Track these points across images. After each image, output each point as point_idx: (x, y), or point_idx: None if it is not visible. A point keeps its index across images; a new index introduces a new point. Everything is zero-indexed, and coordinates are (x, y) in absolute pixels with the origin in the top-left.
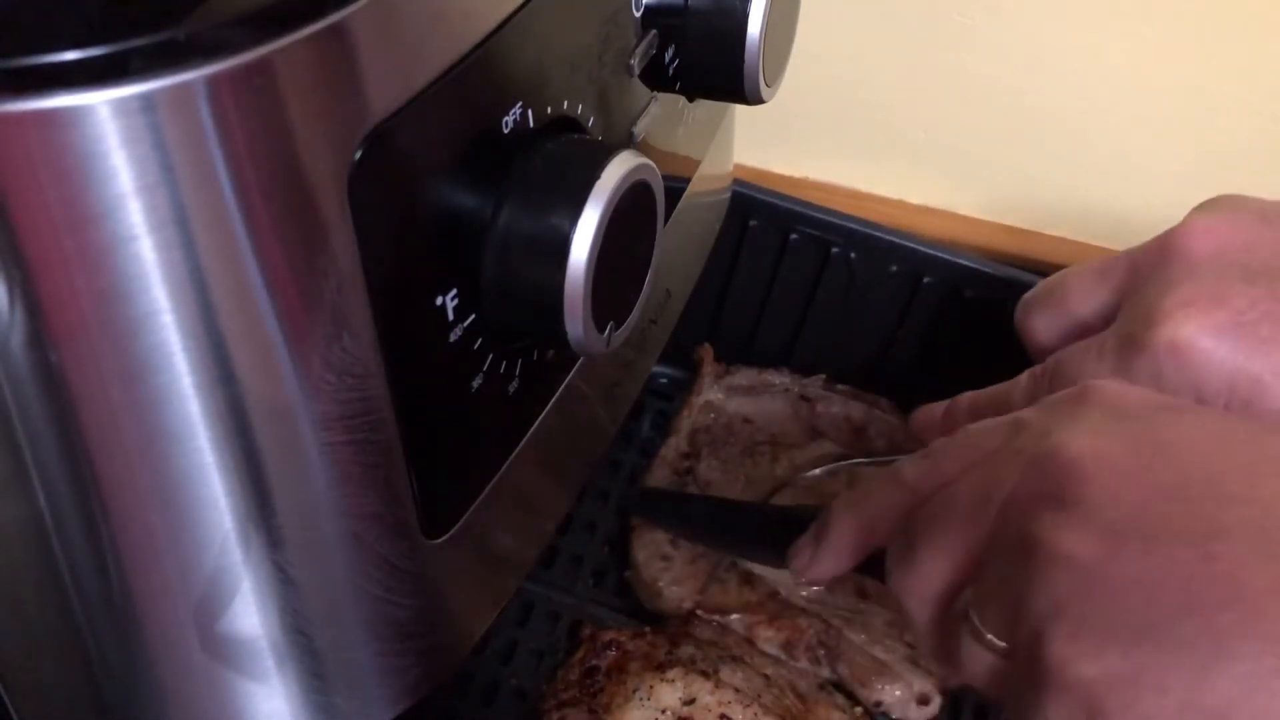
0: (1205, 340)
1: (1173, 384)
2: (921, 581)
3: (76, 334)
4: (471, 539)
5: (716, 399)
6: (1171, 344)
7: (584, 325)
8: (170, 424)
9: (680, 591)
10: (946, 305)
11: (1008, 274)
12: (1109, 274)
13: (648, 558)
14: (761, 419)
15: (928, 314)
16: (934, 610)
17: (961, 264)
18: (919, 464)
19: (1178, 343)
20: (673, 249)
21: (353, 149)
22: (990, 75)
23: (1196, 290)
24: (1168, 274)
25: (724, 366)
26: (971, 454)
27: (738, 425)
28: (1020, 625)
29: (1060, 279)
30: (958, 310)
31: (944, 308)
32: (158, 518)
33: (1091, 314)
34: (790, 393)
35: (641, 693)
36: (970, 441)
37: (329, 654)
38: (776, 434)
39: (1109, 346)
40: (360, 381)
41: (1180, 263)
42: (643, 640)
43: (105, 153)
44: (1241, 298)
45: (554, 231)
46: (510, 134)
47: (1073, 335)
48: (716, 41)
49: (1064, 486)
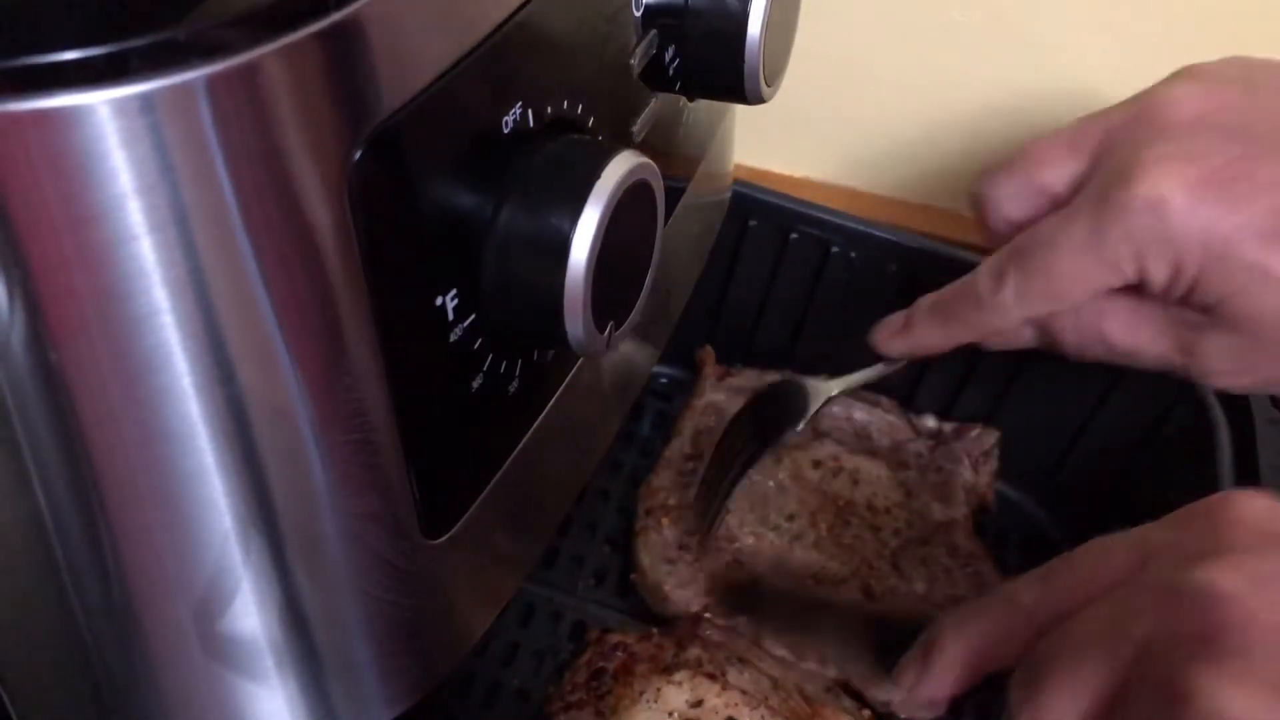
0: (1181, 196)
1: (1146, 242)
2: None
3: (76, 334)
4: (471, 539)
5: (718, 400)
6: (1148, 200)
7: (584, 325)
8: (170, 424)
9: (686, 594)
10: None
11: None
12: (1081, 140)
13: (653, 561)
14: None
15: None
16: None
17: (961, 262)
18: (1035, 587)
19: (1154, 199)
20: (673, 249)
21: (352, 149)
22: (990, 75)
23: (1173, 148)
24: (1143, 135)
25: (725, 368)
26: (1093, 580)
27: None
28: None
29: (1026, 148)
30: None
31: None
32: (157, 517)
33: (1062, 184)
34: None
35: (648, 695)
36: (1090, 564)
37: (329, 654)
38: None
39: (1082, 212)
40: (360, 381)
41: (1156, 126)
42: (649, 642)
43: (105, 153)
44: (1218, 155)
45: (554, 231)
46: (510, 134)
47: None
48: (716, 41)
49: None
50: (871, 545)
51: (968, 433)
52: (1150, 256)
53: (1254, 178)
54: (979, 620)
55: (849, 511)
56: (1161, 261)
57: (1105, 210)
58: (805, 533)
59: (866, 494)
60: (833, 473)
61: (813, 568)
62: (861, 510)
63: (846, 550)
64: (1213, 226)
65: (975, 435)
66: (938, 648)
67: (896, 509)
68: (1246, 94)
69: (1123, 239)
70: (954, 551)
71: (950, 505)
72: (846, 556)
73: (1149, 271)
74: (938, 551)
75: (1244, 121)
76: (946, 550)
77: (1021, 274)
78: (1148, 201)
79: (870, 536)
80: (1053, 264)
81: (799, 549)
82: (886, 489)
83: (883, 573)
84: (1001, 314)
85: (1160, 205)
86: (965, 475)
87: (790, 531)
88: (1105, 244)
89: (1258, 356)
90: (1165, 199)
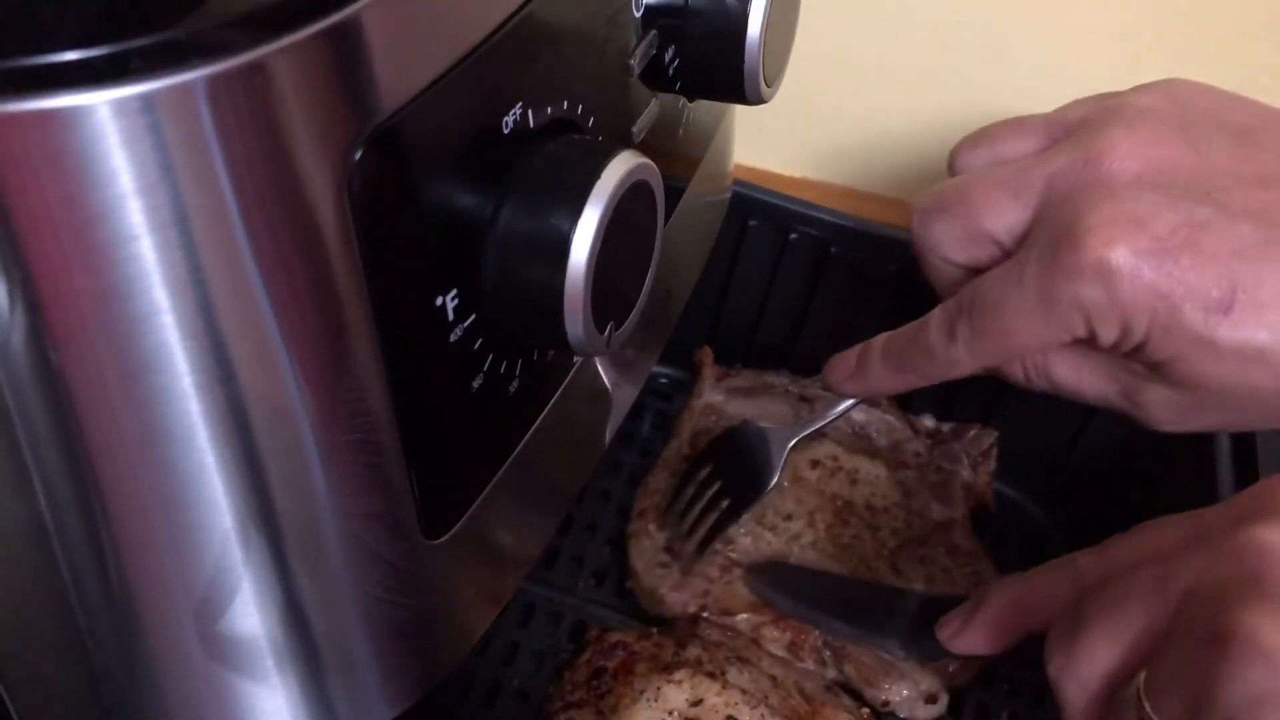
0: (1129, 266)
1: (1096, 308)
2: (1086, 665)
3: (76, 334)
4: (471, 539)
5: (717, 401)
6: (1097, 269)
7: (584, 325)
8: (170, 424)
9: (682, 597)
10: None
11: None
12: (1023, 189)
13: (646, 565)
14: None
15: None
16: (1094, 697)
17: None
18: (1091, 553)
19: (1103, 268)
20: (673, 249)
21: (353, 149)
22: (990, 76)
23: (1118, 210)
24: (1088, 194)
25: (724, 368)
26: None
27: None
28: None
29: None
30: None
31: None
32: (158, 517)
33: (1002, 231)
34: (790, 394)
35: (649, 694)
36: (1146, 535)
37: (329, 654)
38: None
39: (1030, 274)
40: (360, 381)
41: (1101, 182)
42: (649, 642)
43: (105, 153)
44: (1163, 223)
45: (554, 231)
46: (510, 134)
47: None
48: (716, 42)
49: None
50: (870, 545)
51: (966, 432)
52: (1099, 320)
53: (1199, 247)
54: (1029, 579)
55: (847, 511)
56: (1111, 325)
57: (1054, 275)
58: (803, 533)
59: (865, 494)
60: (831, 472)
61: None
62: (860, 510)
63: (845, 550)
64: (1160, 296)
65: (974, 435)
66: (986, 600)
67: (895, 509)
68: (1188, 148)
69: (1073, 305)
70: (953, 551)
71: (949, 505)
72: (845, 556)
73: (1098, 332)
74: (936, 551)
75: (1187, 182)
76: (945, 550)
77: (972, 332)
78: (1096, 269)
79: (869, 536)
80: (1003, 324)
81: (797, 549)
82: (885, 489)
83: (881, 572)
84: (954, 367)
85: (1109, 274)
86: (964, 475)
87: (788, 532)
88: (1055, 308)
89: (1198, 411)
90: (1114, 269)
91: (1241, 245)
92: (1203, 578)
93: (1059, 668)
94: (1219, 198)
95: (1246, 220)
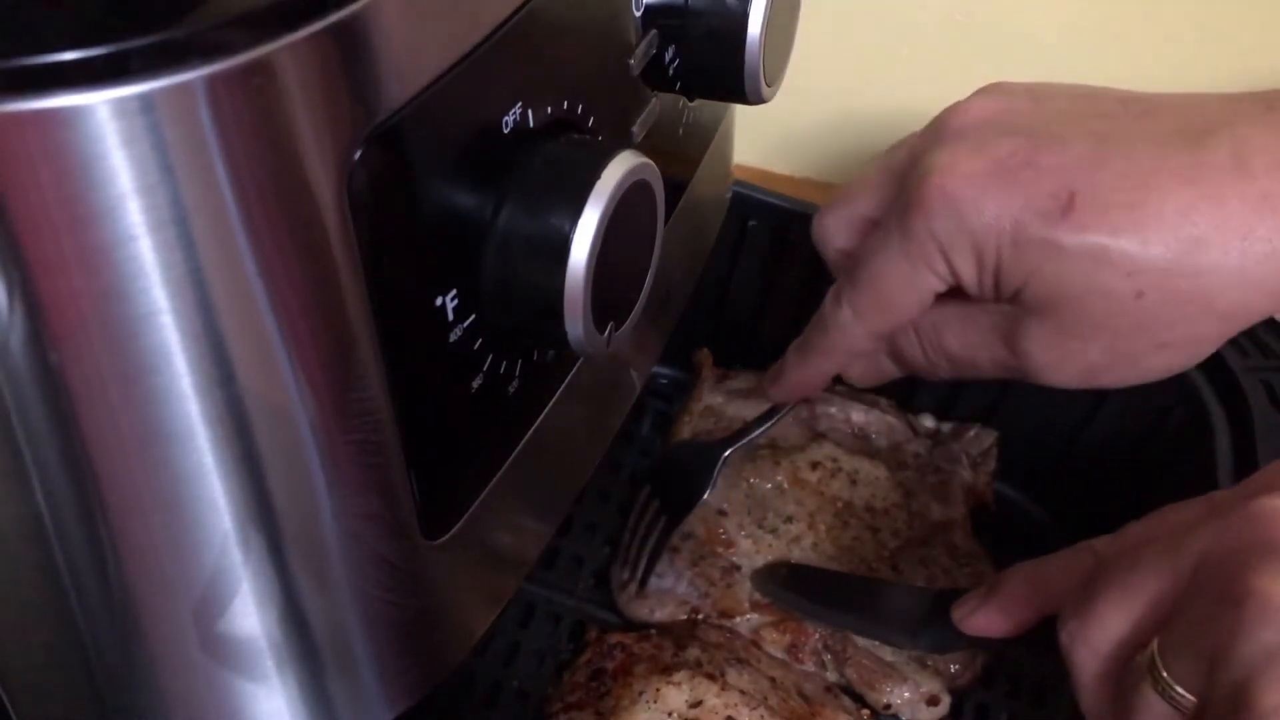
0: (970, 187)
1: (948, 236)
2: (1098, 631)
3: (76, 334)
4: (471, 539)
5: (716, 403)
6: (940, 193)
7: (584, 325)
8: (170, 424)
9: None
10: None
11: None
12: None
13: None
14: None
15: None
16: (1106, 664)
17: None
18: (1107, 538)
19: (946, 192)
20: (673, 249)
21: (352, 149)
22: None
23: (961, 146)
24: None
25: (723, 370)
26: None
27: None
28: (1222, 675)
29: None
30: None
31: None
32: (157, 518)
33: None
34: None
35: (648, 695)
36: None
37: (329, 654)
38: (776, 437)
39: (891, 222)
40: (360, 382)
41: (948, 131)
42: (648, 643)
43: (105, 153)
44: (1001, 147)
45: (554, 231)
46: (510, 134)
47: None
48: (717, 42)
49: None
50: (871, 546)
51: (966, 433)
52: (954, 251)
53: (1036, 163)
54: (1045, 561)
55: (848, 513)
56: (965, 254)
57: (907, 215)
58: (804, 535)
59: (865, 495)
60: (831, 474)
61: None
62: (860, 511)
63: (846, 552)
64: (1002, 211)
65: (973, 435)
66: (1003, 580)
67: (895, 510)
68: (1033, 101)
69: (926, 237)
70: (953, 552)
71: (949, 505)
72: (846, 558)
73: (957, 266)
74: (937, 552)
75: (1029, 122)
76: (946, 550)
77: (852, 289)
78: (941, 197)
79: (869, 537)
80: (874, 274)
81: (797, 552)
82: (885, 490)
83: (882, 574)
84: (844, 331)
85: (952, 197)
86: (964, 475)
87: (788, 534)
88: (912, 244)
89: (1070, 339)
90: (955, 191)
91: (1078, 157)
92: (1215, 544)
93: (1070, 633)
94: (1056, 128)
95: (1083, 140)
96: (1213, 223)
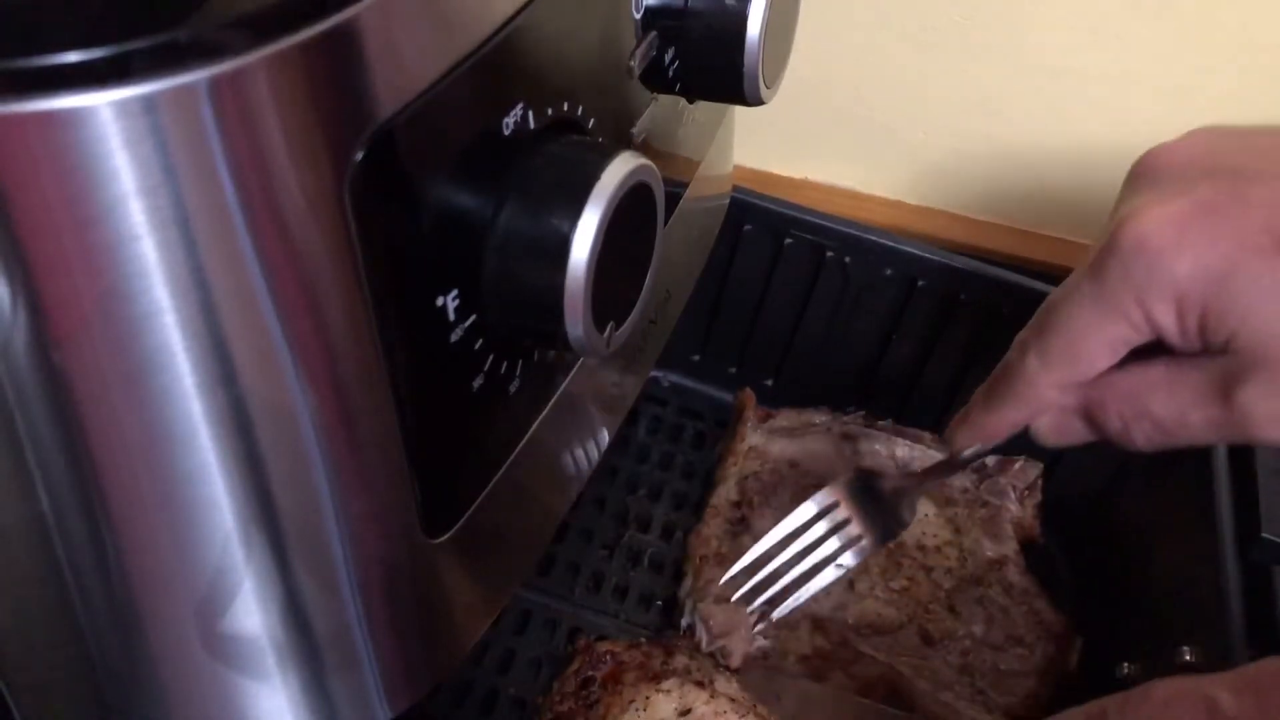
0: (1169, 231)
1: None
2: None
3: (78, 334)
4: (472, 539)
5: (759, 443)
6: (1135, 237)
7: (584, 326)
8: (171, 424)
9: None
10: (941, 308)
11: (1002, 276)
12: None
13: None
14: (806, 461)
15: (922, 317)
16: None
17: (956, 267)
18: None
19: (1140, 238)
20: (673, 250)
21: (354, 150)
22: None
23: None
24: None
25: (766, 410)
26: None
27: (784, 470)
28: None
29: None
30: (953, 313)
31: (939, 311)
32: (159, 517)
33: None
34: (832, 432)
35: (637, 704)
36: None
37: (330, 653)
38: (823, 475)
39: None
40: (361, 382)
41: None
42: (638, 651)
43: (107, 154)
44: (1205, 189)
45: (554, 232)
46: (511, 135)
47: None
48: (716, 43)
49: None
50: (926, 588)
51: (1011, 466)
52: (1150, 299)
53: (1246, 199)
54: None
55: (899, 553)
56: (1164, 302)
57: (1101, 263)
58: (858, 578)
59: (915, 533)
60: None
61: (869, 616)
62: (912, 551)
63: (901, 595)
64: (1208, 253)
65: (1019, 467)
66: None
67: (947, 547)
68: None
69: (1121, 284)
70: (1009, 589)
71: (1000, 541)
72: (902, 601)
73: (1155, 315)
74: (993, 591)
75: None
76: (1001, 588)
77: (1039, 338)
78: (1135, 240)
79: (924, 578)
80: (1064, 322)
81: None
82: (935, 527)
83: (939, 615)
84: (1029, 381)
85: (1147, 242)
86: (1012, 509)
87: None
88: (1104, 291)
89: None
90: (1151, 235)
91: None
92: None
93: None
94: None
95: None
96: None
